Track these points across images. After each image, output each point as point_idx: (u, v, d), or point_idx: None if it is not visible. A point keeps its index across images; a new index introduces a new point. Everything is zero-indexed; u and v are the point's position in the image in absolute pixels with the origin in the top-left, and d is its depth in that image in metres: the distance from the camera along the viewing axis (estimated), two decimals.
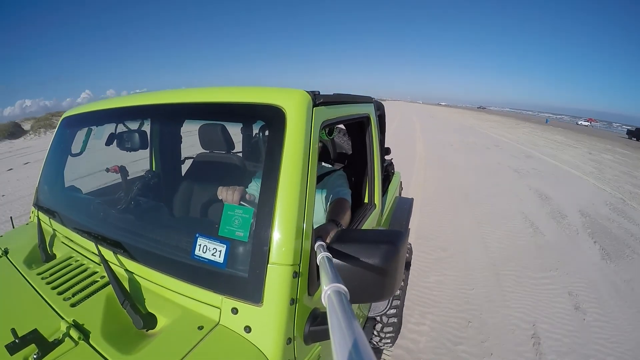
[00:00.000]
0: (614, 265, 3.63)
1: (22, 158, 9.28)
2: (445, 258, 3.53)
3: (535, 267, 3.43)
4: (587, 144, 17.70)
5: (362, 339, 0.35)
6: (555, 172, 8.64)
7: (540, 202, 5.74)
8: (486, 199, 5.74)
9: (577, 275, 3.34)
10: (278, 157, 0.83)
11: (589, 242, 4.22)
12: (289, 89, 0.96)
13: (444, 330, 2.44)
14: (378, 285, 0.82)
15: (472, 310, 2.67)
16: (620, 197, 6.60)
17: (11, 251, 1.22)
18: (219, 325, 0.80)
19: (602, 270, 3.48)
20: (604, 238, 4.37)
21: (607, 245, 4.15)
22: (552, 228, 4.58)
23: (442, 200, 5.51)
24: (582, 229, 4.65)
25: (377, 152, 1.70)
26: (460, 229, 4.33)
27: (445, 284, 3.03)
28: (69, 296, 0.93)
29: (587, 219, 5.08)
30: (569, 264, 3.56)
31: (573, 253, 3.86)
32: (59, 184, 1.54)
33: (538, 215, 5.07)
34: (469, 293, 2.91)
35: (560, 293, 3.00)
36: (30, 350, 0.73)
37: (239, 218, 0.83)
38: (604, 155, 13.42)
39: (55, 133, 1.61)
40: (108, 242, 1.05)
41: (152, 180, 1.72)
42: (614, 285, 3.19)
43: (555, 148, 13.99)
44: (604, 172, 9.30)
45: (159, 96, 1.23)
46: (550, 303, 2.84)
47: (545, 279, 3.22)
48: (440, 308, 2.69)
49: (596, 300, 2.93)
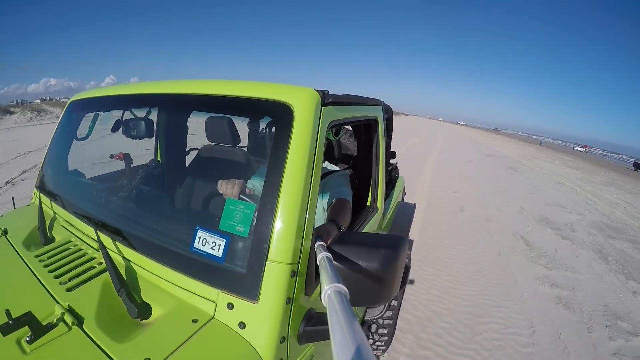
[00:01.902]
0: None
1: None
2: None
3: None
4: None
5: (363, 339, 0.35)
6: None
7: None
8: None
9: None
10: (283, 154, 0.82)
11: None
12: (298, 86, 0.95)
13: None
14: (375, 290, 0.81)
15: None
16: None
17: (10, 232, 1.22)
18: (214, 319, 0.79)
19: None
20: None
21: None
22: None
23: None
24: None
25: (383, 155, 1.69)
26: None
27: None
28: (65, 280, 0.93)
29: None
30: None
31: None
32: (62, 167, 1.54)
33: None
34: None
35: None
36: (23, 333, 0.73)
37: (240, 213, 0.83)
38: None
39: (62, 116, 1.61)
40: (108, 228, 1.05)
41: (155, 170, 1.71)
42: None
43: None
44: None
45: (167, 85, 1.23)
46: None
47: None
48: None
49: None
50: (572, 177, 13.36)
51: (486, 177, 9.83)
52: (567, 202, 7.80)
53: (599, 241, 5.11)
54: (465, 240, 4.40)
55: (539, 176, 11.86)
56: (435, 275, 3.35)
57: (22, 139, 9.67)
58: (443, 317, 2.68)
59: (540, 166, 15.41)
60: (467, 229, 4.84)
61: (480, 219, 5.44)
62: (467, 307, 2.86)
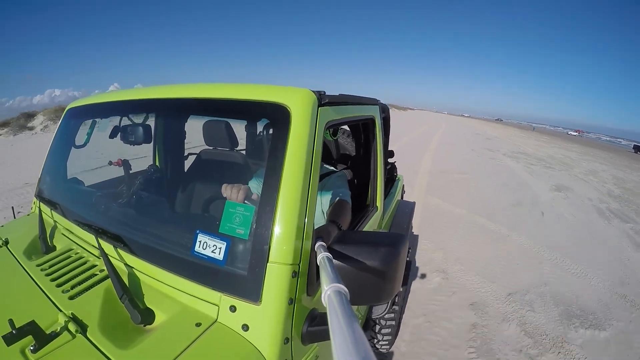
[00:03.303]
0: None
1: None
2: None
3: None
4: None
5: (363, 340, 0.35)
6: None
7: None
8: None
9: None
10: (281, 155, 0.83)
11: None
12: (294, 87, 0.95)
13: None
14: (377, 288, 0.81)
15: None
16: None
17: (11, 241, 1.22)
18: (217, 322, 0.79)
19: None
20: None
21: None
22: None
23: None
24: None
25: (381, 154, 1.69)
26: None
27: None
28: (67, 289, 0.93)
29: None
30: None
31: None
32: (61, 176, 1.54)
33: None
34: None
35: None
36: (27, 342, 0.73)
37: (240, 215, 0.83)
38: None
39: (60, 124, 1.60)
40: (108, 235, 1.05)
41: (154, 175, 1.71)
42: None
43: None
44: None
45: (164, 90, 1.23)
46: None
47: None
48: None
49: None
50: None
51: (468, 138, 18.88)
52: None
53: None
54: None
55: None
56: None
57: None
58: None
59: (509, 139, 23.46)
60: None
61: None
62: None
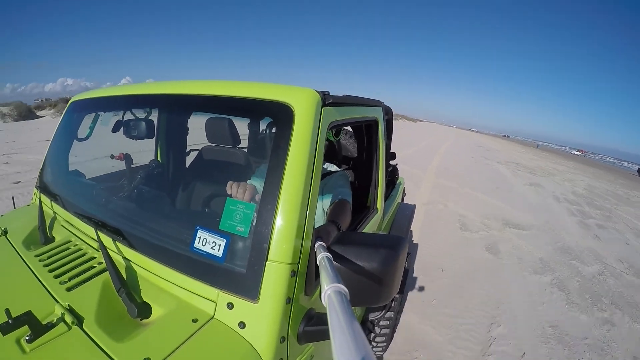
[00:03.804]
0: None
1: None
2: None
3: None
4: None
5: (363, 339, 0.35)
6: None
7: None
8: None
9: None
10: (284, 155, 0.83)
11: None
12: (298, 87, 0.95)
13: None
14: (375, 290, 0.81)
15: None
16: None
17: (10, 231, 1.21)
18: (214, 319, 0.79)
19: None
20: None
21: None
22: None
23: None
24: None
25: (383, 156, 1.69)
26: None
27: None
28: (65, 280, 0.93)
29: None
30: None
31: None
32: (62, 167, 1.54)
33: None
34: None
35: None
36: (22, 332, 0.72)
37: (240, 213, 0.83)
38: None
39: (63, 116, 1.61)
40: (108, 228, 1.05)
41: (155, 170, 1.71)
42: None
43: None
44: None
45: (168, 86, 1.23)
46: None
47: None
48: None
49: None
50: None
51: (471, 148, 21.05)
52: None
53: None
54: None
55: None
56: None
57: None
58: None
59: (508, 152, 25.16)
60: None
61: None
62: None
